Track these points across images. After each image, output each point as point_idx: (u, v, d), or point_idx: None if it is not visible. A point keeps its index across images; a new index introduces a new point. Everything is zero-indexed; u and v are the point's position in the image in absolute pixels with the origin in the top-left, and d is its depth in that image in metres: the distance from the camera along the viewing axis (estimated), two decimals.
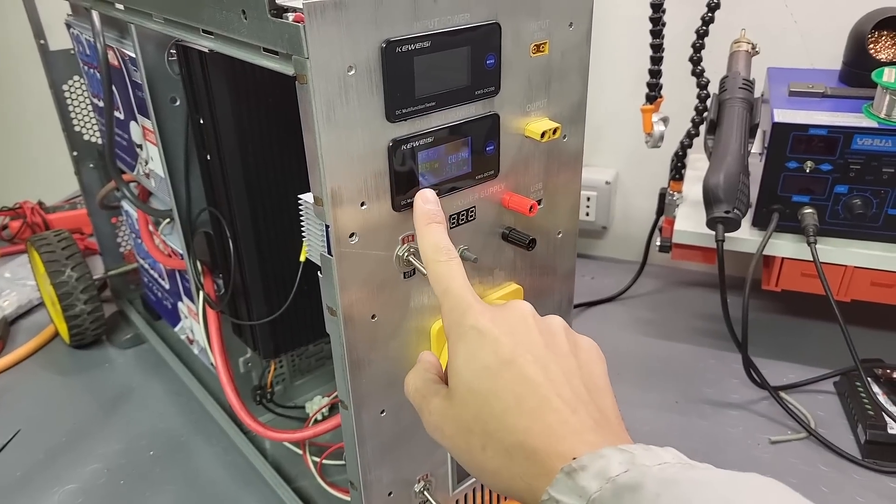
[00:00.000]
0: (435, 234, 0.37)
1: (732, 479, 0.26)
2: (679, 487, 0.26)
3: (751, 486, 0.26)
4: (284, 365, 0.73)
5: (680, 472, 0.27)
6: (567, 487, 0.28)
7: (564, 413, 0.31)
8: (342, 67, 0.35)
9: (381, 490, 0.48)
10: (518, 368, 0.32)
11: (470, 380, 0.33)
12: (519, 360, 0.32)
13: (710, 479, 0.26)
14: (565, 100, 0.46)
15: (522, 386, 0.31)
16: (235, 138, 0.52)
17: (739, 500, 0.25)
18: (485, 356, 0.33)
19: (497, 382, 0.32)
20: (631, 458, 0.28)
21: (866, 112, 0.69)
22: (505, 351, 0.32)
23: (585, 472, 0.28)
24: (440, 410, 0.34)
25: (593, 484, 0.27)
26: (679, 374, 0.79)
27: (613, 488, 0.26)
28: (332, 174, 0.37)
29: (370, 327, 0.42)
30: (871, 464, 0.65)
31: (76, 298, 0.82)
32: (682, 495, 0.25)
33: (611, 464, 0.27)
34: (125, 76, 0.62)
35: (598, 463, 0.28)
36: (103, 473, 0.68)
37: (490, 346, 0.33)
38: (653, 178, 0.96)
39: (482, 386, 0.32)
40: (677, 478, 0.26)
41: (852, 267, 0.72)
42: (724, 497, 0.25)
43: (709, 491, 0.25)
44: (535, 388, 0.31)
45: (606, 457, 0.28)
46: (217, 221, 0.58)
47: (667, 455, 0.28)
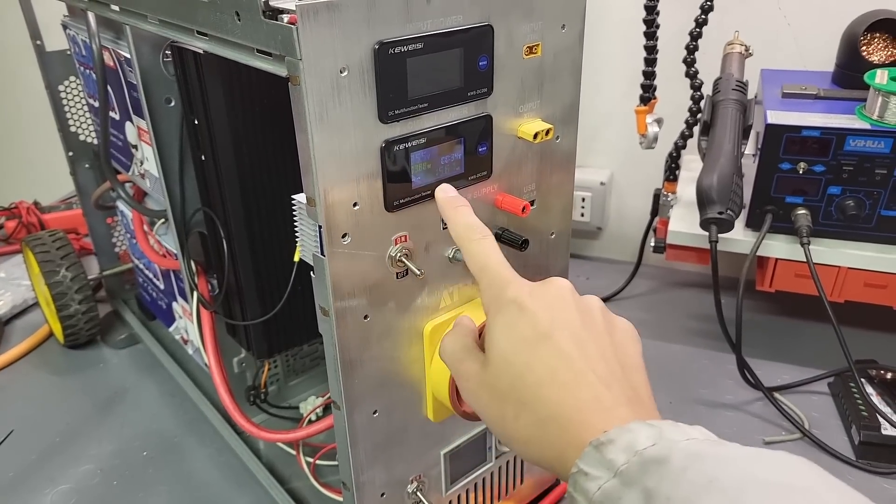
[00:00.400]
0: (465, 215, 0.38)
1: (759, 455, 0.26)
2: (705, 462, 0.26)
3: (779, 462, 0.26)
4: (279, 365, 0.73)
5: (706, 447, 0.27)
6: (595, 460, 0.28)
7: (598, 388, 0.31)
8: (335, 69, 0.35)
9: (373, 491, 0.48)
10: (554, 343, 0.33)
11: (507, 351, 0.34)
12: (556, 335, 0.33)
13: (735, 455, 0.26)
14: (558, 101, 0.46)
15: (558, 360, 0.32)
16: (230, 139, 0.53)
17: (765, 475, 0.25)
18: (523, 329, 0.33)
19: (533, 355, 0.33)
20: (658, 432, 0.28)
21: (859, 114, 0.70)
22: (543, 325, 0.33)
23: (613, 445, 0.28)
24: (477, 377, 0.35)
25: (621, 457, 0.27)
26: (673, 374, 0.80)
27: (640, 461, 0.27)
28: (325, 175, 0.37)
29: (363, 328, 0.42)
30: (864, 465, 0.65)
31: (71, 298, 0.82)
32: (707, 470, 0.25)
33: (638, 437, 0.28)
34: (121, 77, 0.62)
35: (626, 437, 0.28)
36: (97, 474, 0.68)
37: (528, 319, 0.33)
38: (647, 178, 0.96)
39: (519, 358, 0.33)
40: (703, 452, 0.26)
41: (846, 268, 0.73)
42: (749, 472, 0.25)
43: (734, 466, 0.26)
44: (571, 362, 0.32)
45: (634, 431, 0.28)
46: (211, 222, 0.58)
47: (694, 432, 0.29)
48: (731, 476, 0.25)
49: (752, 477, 0.25)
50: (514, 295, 0.35)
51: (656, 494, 0.26)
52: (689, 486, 0.25)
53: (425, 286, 0.44)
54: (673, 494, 0.25)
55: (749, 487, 0.25)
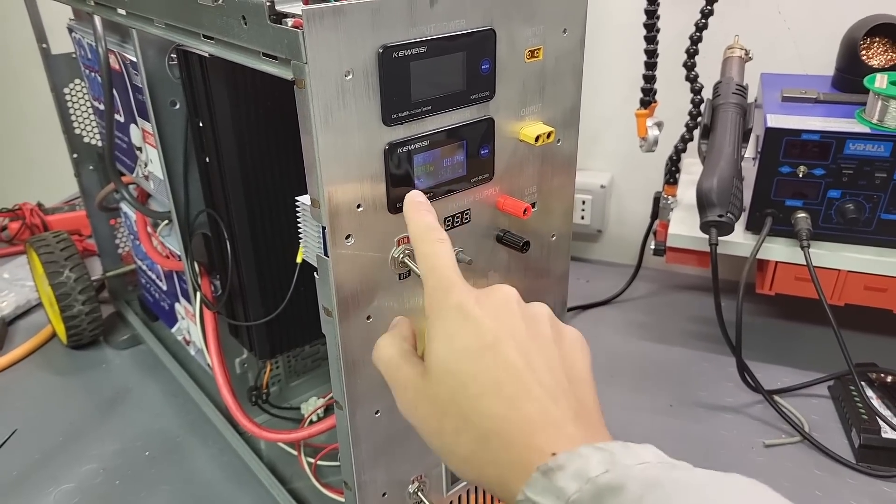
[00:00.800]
0: (426, 216, 0.37)
1: (717, 481, 0.25)
2: (663, 489, 0.25)
3: (735, 487, 0.25)
4: (280, 366, 0.73)
5: (662, 472, 0.26)
6: (543, 487, 0.27)
7: (544, 402, 0.30)
8: (340, 72, 0.36)
9: (375, 491, 0.48)
10: (499, 353, 0.31)
11: (448, 360, 0.32)
12: (500, 345, 0.31)
13: (693, 481, 0.25)
14: (559, 104, 0.47)
15: (502, 371, 0.30)
16: (234, 141, 0.53)
17: (724, 502, 0.24)
18: (465, 338, 0.32)
19: (476, 365, 0.31)
20: (610, 457, 0.27)
21: (859, 117, 0.70)
22: (487, 334, 0.31)
23: (563, 471, 0.27)
24: (414, 387, 0.33)
25: (572, 485, 0.26)
26: (673, 377, 0.80)
27: (593, 489, 0.26)
28: (329, 177, 0.37)
29: (365, 328, 0.42)
30: (865, 468, 0.65)
31: (74, 299, 0.82)
32: (665, 498, 0.24)
33: (589, 463, 0.26)
34: (126, 80, 0.63)
35: (577, 462, 0.27)
36: (99, 473, 0.68)
37: (472, 327, 0.32)
38: (647, 182, 0.97)
39: (460, 367, 0.31)
40: (660, 479, 0.25)
41: (845, 271, 0.73)
42: (708, 499, 0.24)
43: (693, 493, 0.25)
44: (516, 373, 0.30)
45: (585, 456, 0.27)
46: (215, 223, 0.59)
47: (647, 454, 0.27)
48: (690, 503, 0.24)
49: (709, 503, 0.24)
50: (457, 300, 0.32)
51: None
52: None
53: None
54: None
55: None
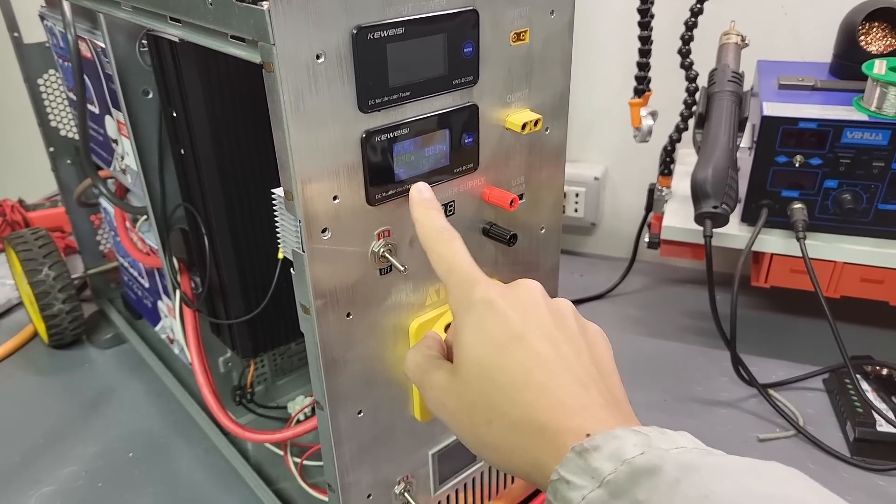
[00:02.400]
0: (434, 217, 0.36)
1: (754, 468, 0.25)
2: (699, 474, 0.24)
3: (773, 475, 0.25)
4: (266, 364, 0.71)
5: (699, 458, 0.26)
6: (578, 467, 0.27)
7: (575, 388, 0.30)
8: (310, 55, 0.34)
9: (359, 492, 0.46)
10: (527, 343, 0.31)
11: (478, 354, 0.32)
12: (529, 336, 0.31)
13: (731, 467, 0.25)
14: (547, 90, 0.45)
15: (532, 360, 0.31)
16: (209, 132, 0.51)
17: (761, 489, 0.24)
18: (493, 330, 0.32)
19: (505, 357, 0.31)
20: (647, 440, 0.26)
21: (857, 105, 0.69)
22: (514, 326, 0.32)
23: (598, 452, 0.26)
24: (443, 385, 0.34)
25: (607, 465, 0.26)
26: (667, 371, 0.78)
27: (629, 471, 0.25)
28: (303, 167, 0.35)
29: (345, 326, 0.41)
30: (859, 462, 0.64)
31: (54, 298, 0.80)
32: (702, 482, 0.24)
33: (625, 445, 0.26)
34: (98, 68, 0.60)
35: (612, 443, 0.26)
36: (81, 476, 0.67)
37: (499, 320, 0.32)
38: (642, 173, 0.95)
39: (490, 360, 0.31)
40: (697, 463, 0.25)
41: (842, 263, 0.71)
42: (745, 486, 0.24)
43: (730, 479, 0.24)
44: (545, 362, 0.31)
45: (621, 437, 0.27)
46: (192, 218, 0.57)
47: (682, 439, 0.27)
48: (727, 489, 0.24)
49: (747, 490, 0.24)
50: (483, 295, 0.33)
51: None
52: (683, 499, 0.24)
53: (410, 283, 0.43)
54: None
55: (745, 502, 0.23)
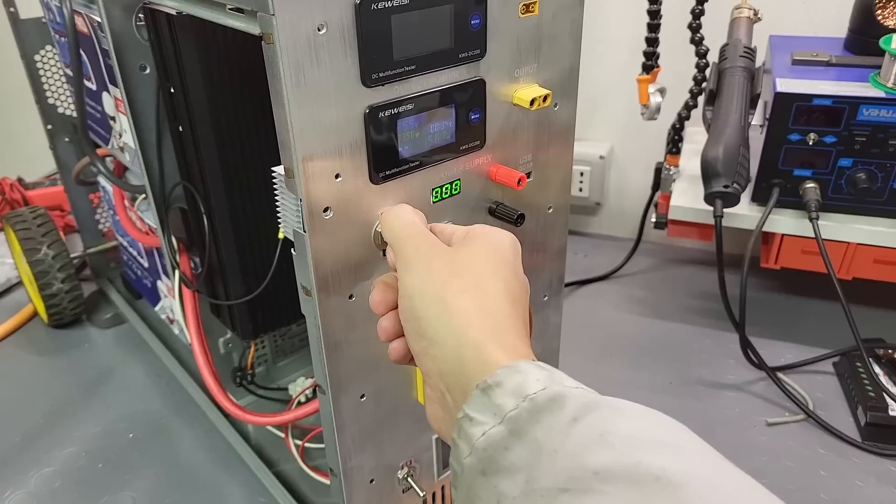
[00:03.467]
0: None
1: (651, 414, 0.26)
2: (598, 412, 0.25)
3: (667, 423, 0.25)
4: (267, 346, 0.70)
5: (598, 397, 0.26)
6: (482, 404, 0.26)
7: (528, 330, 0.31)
8: (312, 26, 0.32)
9: (362, 477, 0.46)
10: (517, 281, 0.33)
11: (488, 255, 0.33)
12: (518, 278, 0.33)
13: (628, 410, 0.25)
14: (556, 65, 0.43)
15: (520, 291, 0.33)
16: (207, 108, 0.50)
17: (656, 434, 0.24)
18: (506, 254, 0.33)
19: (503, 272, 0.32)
20: (549, 375, 0.27)
21: (873, 81, 0.67)
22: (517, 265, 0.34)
23: (501, 388, 0.26)
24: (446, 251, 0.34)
25: (509, 402, 0.26)
26: (673, 354, 0.77)
27: (531, 407, 0.25)
28: (304, 144, 0.34)
29: (348, 308, 0.40)
30: (871, 447, 0.63)
31: (53, 277, 0.79)
32: (600, 421, 0.24)
33: (528, 380, 0.26)
34: (95, 44, 0.59)
35: (515, 378, 0.26)
36: (81, 456, 0.66)
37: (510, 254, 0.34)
38: (649, 151, 0.94)
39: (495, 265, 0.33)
40: (597, 402, 0.25)
41: (855, 244, 0.70)
42: (641, 428, 0.24)
43: (626, 421, 0.25)
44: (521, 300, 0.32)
45: (524, 372, 0.27)
46: (191, 197, 0.55)
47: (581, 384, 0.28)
48: (623, 430, 0.24)
49: (644, 433, 0.24)
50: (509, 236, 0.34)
51: (544, 447, 0.24)
52: (579, 438, 0.24)
53: None
54: (561, 447, 0.24)
55: (641, 444, 0.24)
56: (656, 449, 0.23)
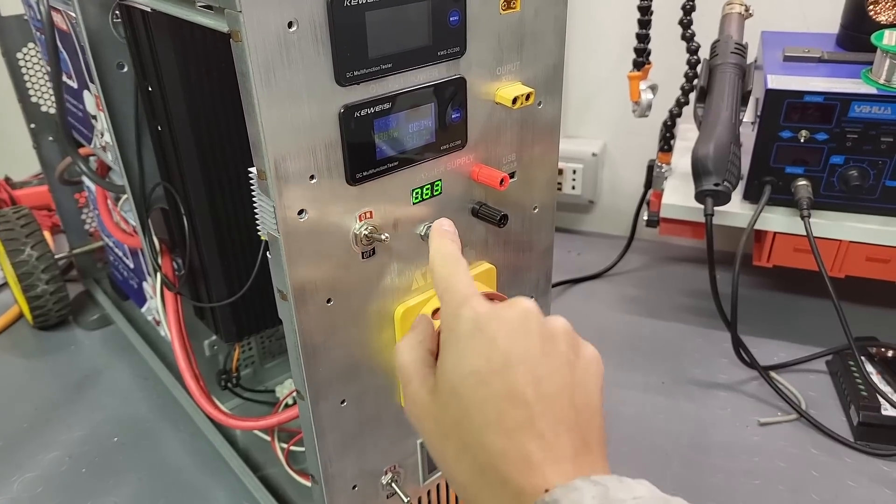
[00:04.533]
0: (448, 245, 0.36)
1: None
2: None
3: None
4: (253, 347, 0.69)
5: None
6: None
7: (547, 437, 0.28)
8: (281, 22, 0.31)
9: (344, 483, 0.45)
10: (508, 379, 0.29)
11: (456, 383, 0.31)
12: (511, 370, 0.29)
13: None
14: (540, 62, 0.42)
15: (508, 401, 0.29)
16: (185, 106, 0.48)
17: None
18: (476, 358, 0.30)
19: (483, 391, 0.30)
20: (605, 491, 0.26)
21: (865, 78, 0.66)
22: (497, 357, 0.30)
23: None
24: (423, 403, 0.32)
25: None
26: (665, 353, 0.77)
27: None
28: (275, 145, 0.33)
29: (326, 312, 0.39)
30: (863, 446, 0.63)
31: (37, 278, 0.78)
32: None
33: (584, 498, 0.26)
34: (74, 41, 0.58)
35: (571, 496, 0.26)
36: (65, 461, 0.65)
37: (484, 346, 0.30)
38: (642, 149, 0.93)
39: (467, 392, 0.30)
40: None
41: (847, 241, 0.69)
42: None
43: None
44: (522, 405, 0.29)
45: (579, 489, 0.26)
46: (171, 197, 0.54)
47: (641, 488, 0.27)
48: None
49: None
50: (473, 313, 0.31)
51: None
52: None
53: (395, 266, 0.41)
54: None
55: None
56: None
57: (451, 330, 0.32)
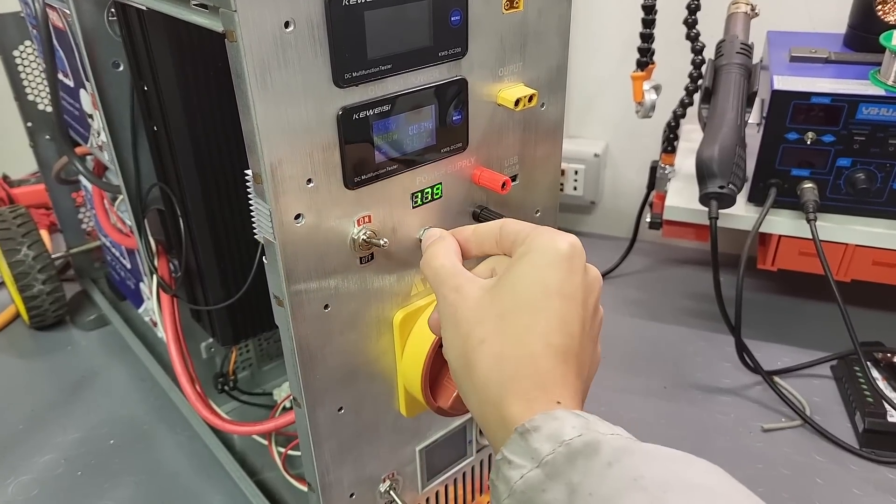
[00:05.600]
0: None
1: (684, 458, 0.26)
2: (631, 457, 0.26)
3: (700, 466, 0.26)
4: (251, 350, 0.69)
5: (632, 443, 0.27)
6: (520, 448, 0.28)
7: (570, 366, 0.31)
8: (278, 22, 0.30)
9: (341, 492, 0.44)
10: (568, 308, 0.31)
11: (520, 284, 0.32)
12: (574, 304, 0.31)
13: (662, 454, 0.26)
14: (543, 63, 0.41)
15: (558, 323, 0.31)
16: (181, 106, 0.48)
17: (689, 477, 0.25)
18: (551, 275, 0.31)
19: (541, 302, 0.31)
20: (585, 423, 0.28)
21: (873, 79, 0.65)
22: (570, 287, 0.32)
23: (538, 433, 0.27)
24: (470, 291, 0.33)
25: (546, 446, 0.27)
26: (668, 357, 0.76)
27: (566, 452, 0.26)
28: (271, 148, 0.32)
29: (323, 318, 0.38)
30: (869, 453, 0.62)
31: (33, 278, 0.77)
32: (633, 465, 0.25)
33: (564, 426, 0.27)
34: (71, 39, 0.57)
35: (552, 424, 0.27)
36: (60, 463, 0.65)
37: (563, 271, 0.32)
38: (644, 150, 0.92)
39: (527, 295, 0.31)
40: (630, 448, 0.26)
41: (853, 245, 0.69)
42: (674, 472, 0.25)
43: (659, 465, 0.25)
44: (569, 338, 0.31)
45: (560, 419, 0.28)
46: (168, 198, 0.53)
47: (619, 429, 0.28)
48: (656, 475, 0.25)
49: (675, 476, 0.25)
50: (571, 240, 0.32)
51: (579, 490, 0.25)
52: (613, 482, 0.25)
53: (393, 272, 0.40)
54: (596, 491, 0.25)
55: (673, 487, 0.24)
56: (688, 491, 0.24)
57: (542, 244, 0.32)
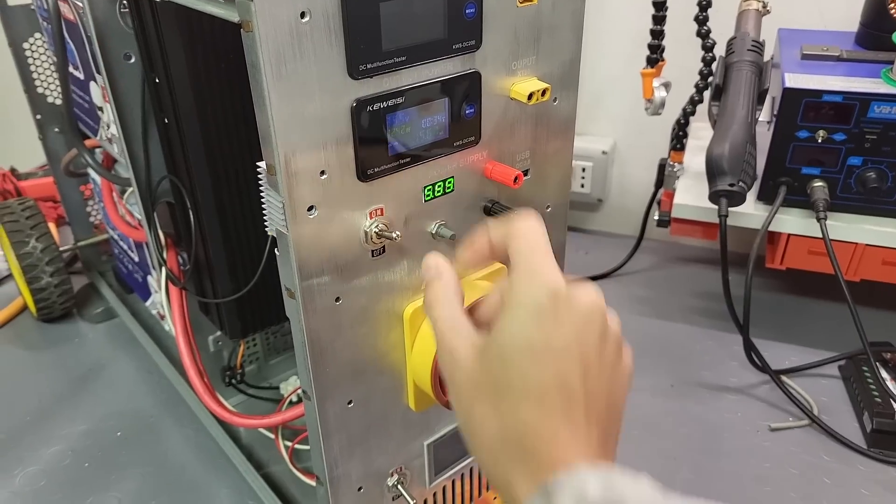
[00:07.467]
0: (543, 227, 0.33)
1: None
2: None
3: None
4: (258, 343, 0.69)
5: (658, 494, 0.26)
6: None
7: (580, 426, 0.29)
8: (294, 13, 0.30)
9: (349, 485, 0.44)
10: (561, 366, 0.29)
11: (508, 351, 0.30)
12: (566, 358, 0.29)
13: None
14: (556, 58, 0.41)
15: (555, 385, 0.29)
16: (192, 99, 0.48)
17: None
18: (536, 335, 0.29)
19: (533, 368, 0.29)
20: (608, 478, 0.27)
21: (885, 77, 0.65)
22: (558, 341, 0.29)
23: (562, 492, 0.26)
24: (463, 358, 0.32)
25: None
26: (675, 355, 0.76)
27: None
28: (285, 139, 0.32)
29: (334, 311, 0.38)
30: (877, 454, 0.62)
31: (41, 271, 0.77)
32: None
33: (587, 484, 0.26)
34: (81, 31, 0.57)
35: (574, 483, 0.27)
36: (67, 455, 0.65)
37: (548, 326, 0.30)
38: (652, 147, 0.91)
39: (517, 362, 0.30)
40: (655, 499, 0.25)
41: (863, 245, 0.68)
42: None
43: None
44: (566, 393, 0.29)
45: (583, 477, 0.27)
46: (177, 190, 0.53)
47: (643, 479, 0.27)
48: None
49: None
50: (554, 284, 0.30)
51: None
52: None
53: (405, 265, 0.40)
54: None
55: None
56: None
57: (522, 296, 0.30)
